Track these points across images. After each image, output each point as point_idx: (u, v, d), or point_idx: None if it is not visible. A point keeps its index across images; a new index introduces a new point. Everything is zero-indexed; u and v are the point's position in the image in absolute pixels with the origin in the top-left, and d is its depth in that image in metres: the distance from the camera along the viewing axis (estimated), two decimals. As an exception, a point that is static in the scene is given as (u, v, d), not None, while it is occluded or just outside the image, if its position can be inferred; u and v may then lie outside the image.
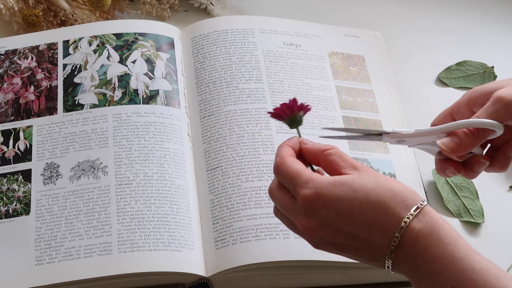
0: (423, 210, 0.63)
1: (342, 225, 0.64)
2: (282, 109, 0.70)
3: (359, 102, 0.95)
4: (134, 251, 0.79)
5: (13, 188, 0.84)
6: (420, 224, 0.62)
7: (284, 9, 1.14)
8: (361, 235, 0.64)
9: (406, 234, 0.63)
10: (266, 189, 0.83)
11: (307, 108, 0.71)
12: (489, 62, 1.07)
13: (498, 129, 0.68)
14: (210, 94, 0.92)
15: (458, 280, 0.60)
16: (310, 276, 0.82)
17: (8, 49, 0.97)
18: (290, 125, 0.71)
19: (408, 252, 0.63)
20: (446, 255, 0.61)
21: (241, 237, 0.80)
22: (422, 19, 1.15)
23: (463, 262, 0.61)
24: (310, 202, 0.65)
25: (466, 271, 0.60)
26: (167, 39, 0.98)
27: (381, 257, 0.64)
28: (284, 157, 0.68)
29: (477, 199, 0.91)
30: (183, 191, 0.84)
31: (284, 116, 0.71)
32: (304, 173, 0.66)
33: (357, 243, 0.65)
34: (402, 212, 0.63)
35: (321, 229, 0.65)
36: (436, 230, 0.62)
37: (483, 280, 0.60)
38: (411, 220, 0.63)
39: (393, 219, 0.63)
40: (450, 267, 0.61)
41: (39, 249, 0.80)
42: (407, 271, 0.64)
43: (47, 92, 0.92)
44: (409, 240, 0.63)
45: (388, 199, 0.64)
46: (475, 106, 0.72)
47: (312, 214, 0.65)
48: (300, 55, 0.97)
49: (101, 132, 0.88)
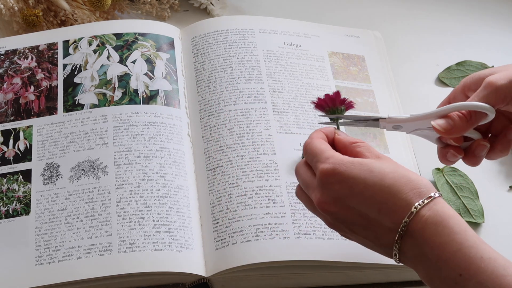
0: (435, 200, 0.64)
1: (353, 202, 0.66)
2: (324, 101, 0.75)
3: (359, 102, 0.95)
4: (134, 251, 0.79)
5: (13, 188, 0.85)
6: (430, 212, 0.63)
7: (284, 9, 1.14)
8: (371, 215, 0.66)
9: (415, 220, 0.63)
10: (266, 189, 0.83)
11: (350, 105, 0.75)
12: (489, 62, 1.07)
13: (490, 112, 0.70)
14: (210, 94, 0.92)
15: (465, 268, 0.61)
16: (310, 276, 0.82)
17: (8, 49, 0.97)
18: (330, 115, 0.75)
19: (416, 238, 0.63)
20: (455, 243, 0.62)
21: (241, 237, 0.80)
22: (422, 19, 1.15)
23: (472, 251, 0.61)
24: (327, 176, 0.67)
25: (474, 259, 0.61)
26: (167, 39, 0.98)
27: (389, 242, 0.65)
28: (313, 137, 0.71)
29: (477, 199, 0.91)
30: (183, 191, 0.84)
31: (326, 107, 0.75)
32: (328, 151, 0.69)
33: (366, 222, 0.66)
34: (414, 198, 0.64)
35: (333, 204, 0.67)
36: (446, 219, 0.63)
37: (491, 269, 0.60)
38: (421, 207, 0.64)
39: (403, 204, 0.64)
40: (458, 255, 0.61)
41: (39, 249, 0.80)
42: (414, 259, 0.64)
43: (47, 92, 0.92)
44: (417, 226, 0.63)
45: (402, 183, 0.65)
46: (469, 91, 0.74)
47: (327, 188, 0.67)
48: (300, 55, 0.97)
49: (101, 132, 0.88)
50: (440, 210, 0.64)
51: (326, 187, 0.68)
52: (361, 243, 0.69)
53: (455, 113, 0.71)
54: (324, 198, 0.68)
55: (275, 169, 0.85)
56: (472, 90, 0.74)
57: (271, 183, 0.84)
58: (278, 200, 0.82)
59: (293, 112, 0.91)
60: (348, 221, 0.67)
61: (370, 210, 0.66)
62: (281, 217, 0.81)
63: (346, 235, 0.70)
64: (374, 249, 0.68)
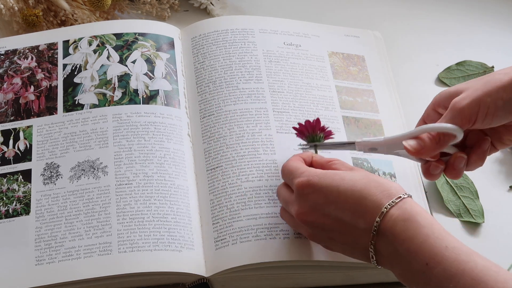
0: (404, 200, 0.69)
1: (329, 209, 0.71)
2: (306, 127, 0.81)
3: (359, 102, 0.95)
4: (134, 251, 0.79)
5: (13, 188, 0.85)
6: (400, 211, 0.68)
7: (284, 9, 1.14)
8: (346, 219, 0.70)
9: (385, 219, 0.68)
10: (266, 189, 0.83)
11: (330, 133, 0.82)
12: (489, 62, 1.07)
13: (458, 133, 0.72)
14: (210, 94, 0.92)
15: (431, 257, 0.65)
16: (310, 276, 0.82)
17: (8, 49, 0.97)
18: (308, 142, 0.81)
19: (388, 236, 0.68)
20: (421, 235, 0.66)
21: (241, 237, 0.80)
22: (422, 19, 1.15)
23: (437, 242, 0.65)
24: (302, 188, 0.73)
25: (440, 248, 0.65)
26: (167, 39, 0.98)
27: (365, 244, 0.69)
28: (289, 160, 0.78)
29: (477, 199, 0.91)
30: (183, 191, 0.84)
31: (306, 133, 0.81)
32: (302, 167, 0.75)
33: (343, 227, 0.71)
34: (384, 199, 0.69)
35: (311, 213, 0.72)
36: (414, 215, 0.67)
37: (454, 256, 0.64)
38: (391, 207, 0.68)
39: (374, 205, 0.69)
40: (424, 246, 0.65)
41: (39, 249, 0.80)
42: (389, 257, 0.68)
43: (47, 92, 0.92)
44: (387, 224, 0.68)
45: (372, 187, 0.70)
46: (440, 108, 0.78)
47: (303, 199, 0.73)
48: (300, 55, 0.97)
49: (101, 132, 0.88)
50: (409, 207, 0.68)
51: (303, 198, 0.73)
52: (341, 250, 0.73)
53: (425, 135, 0.73)
54: (302, 209, 0.73)
55: (275, 169, 0.85)
56: (442, 107, 0.77)
57: (271, 183, 0.84)
58: (278, 200, 0.82)
59: (293, 112, 0.91)
60: (326, 228, 0.72)
61: (345, 214, 0.70)
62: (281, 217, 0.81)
63: (327, 245, 0.75)
64: (354, 255, 0.72)
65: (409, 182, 0.87)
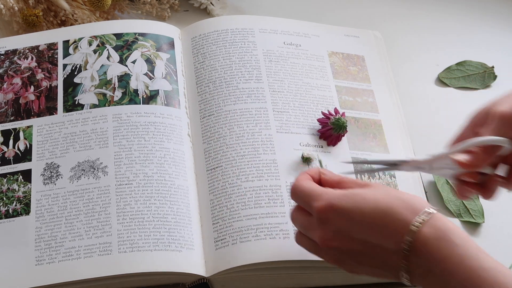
0: (434, 216, 0.66)
1: (355, 232, 0.68)
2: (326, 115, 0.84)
3: (359, 102, 0.95)
4: (134, 251, 0.79)
5: (13, 188, 0.84)
6: (432, 229, 0.65)
7: (284, 9, 1.14)
8: (373, 241, 0.67)
9: (417, 238, 0.65)
10: (266, 189, 0.83)
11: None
12: (489, 62, 1.07)
13: (506, 144, 0.71)
14: (210, 94, 0.92)
15: (468, 278, 0.63)
16: (310, 276, 0.82)
17: (8, 49, 0.97)
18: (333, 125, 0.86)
19: (421, 256, 0.65)
20: (456, 254, 0.64)
21: (241, 237, 0.80)
22: (422, 19, 1.15)
23: (473, 262, 0.63)
24: (324, 212, 0.69)
25: (476, 270, 0.63)
26: (167, 39, 0.98)
27: (396, 265, 0.66)
28: (299, 179, 0.73)
29: (477, 199, 0.91)
30: (183, 191, 0.84)
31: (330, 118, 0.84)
32: (317, 189, 0.71)
33: (371, 250, 0.67)
34: (409, 216, 0.66)
35: (336, 238, 0.69)
36: (447, 233, 0.65)
37: (492, 278, 0.62)
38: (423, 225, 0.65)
39: (402, 224, 0.66)
40: (461, 267, 0.63)
41: (39, 249, 0.80)
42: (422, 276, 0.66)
43: (47, 92, 0.92)
44: (420, 243, 0.65)
45: (396, 205, 0.67)
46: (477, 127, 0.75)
47: (326, 224, 0.69)
48: (300, 55, 0.97)
49: (101, 132, 0.88)
50: (440, 225, 0.65)
51: (326, 223, 0.69)
52: (370, 273, 0.70)
53: (475, 148, 0.72)
54: (326, 235, 0.69)
55: (275, 169, 0.85)
56: (479, 126, 0.75)
57: (271, 183, 0.84)
58: (278, 200, 0.82)
59: (293, 112, 0.91)
60: (353, 252, 0.69)
61: (371, 236, 0.67)
62: (281, 217, 0.81)
63: (354, 270, 0.71)
64: (384, 276, 0.69)
65: (409, 182, 0.87)
